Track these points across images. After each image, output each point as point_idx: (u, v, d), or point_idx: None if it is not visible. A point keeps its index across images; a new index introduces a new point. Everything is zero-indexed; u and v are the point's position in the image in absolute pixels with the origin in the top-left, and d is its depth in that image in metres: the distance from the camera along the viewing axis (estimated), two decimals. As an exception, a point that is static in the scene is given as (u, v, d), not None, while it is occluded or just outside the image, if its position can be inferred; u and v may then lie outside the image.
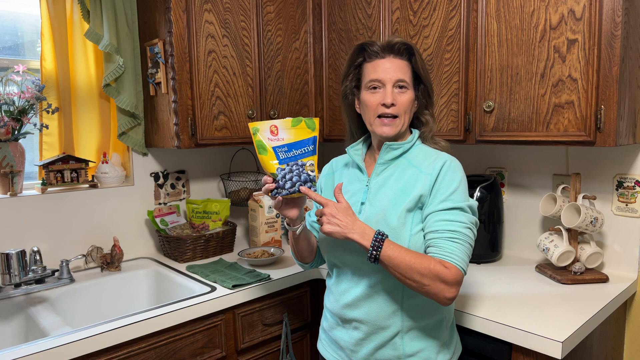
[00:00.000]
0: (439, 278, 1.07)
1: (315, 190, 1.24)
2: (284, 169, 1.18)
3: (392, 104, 1.22)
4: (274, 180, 1.19)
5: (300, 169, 1.19)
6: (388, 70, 1.22)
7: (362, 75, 1.28)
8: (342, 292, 1.25)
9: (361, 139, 1.36)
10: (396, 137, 1.27)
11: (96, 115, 2.00)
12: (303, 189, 1.16)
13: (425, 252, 1.15)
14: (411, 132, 1.32)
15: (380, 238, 1.09)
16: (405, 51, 1.24)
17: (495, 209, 1.85)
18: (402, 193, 1.20)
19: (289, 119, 1.21)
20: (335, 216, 1.11)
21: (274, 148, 1.19)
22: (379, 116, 1.24)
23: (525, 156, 1.90)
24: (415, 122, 1.32)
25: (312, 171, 1.20)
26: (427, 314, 1.20)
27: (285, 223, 1.31)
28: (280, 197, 1.19)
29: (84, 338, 1.28)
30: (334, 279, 1.30)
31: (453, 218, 1.13)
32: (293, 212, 1.25)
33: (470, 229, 1.14)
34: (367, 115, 1.27)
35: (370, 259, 1.09)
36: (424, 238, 1.16)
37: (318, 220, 1.15)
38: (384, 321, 1.19)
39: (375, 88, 1.24)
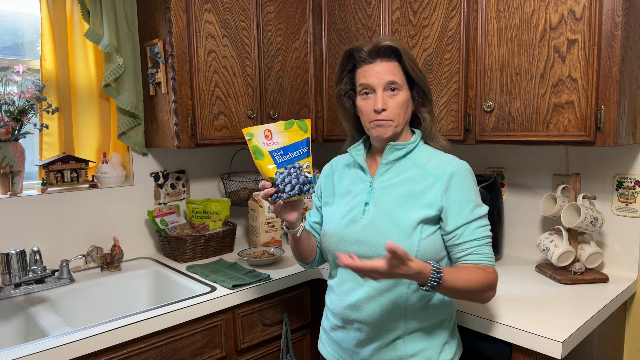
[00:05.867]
0: (489, 288, 1.14)
1: (314, 191, 1.24)
2: (283, 173, 1.19)
3: (383, 109, 1.22)
4: (273, 185, 1.19)
5: (298, 171, 1.19)
6: (378, 74, 1.22)
7: (355, 79, 1.29)
8: (346, 293, 1.25)
9: (361, 139, 1.36)
10: (394, 137, 1.27)
11: (96, 115, 2.00)
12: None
13: (459, 259, 1.18)
14: (413, 132, 1.32)
15: (437, 277, 1.03)
16: (393, 53, 1.24)
17: (495, 209, 1.85)
18: (409, 195, 1.20)
19: (281, 122, 1.21)
20: (388, 277, 1.03)
21: (270, 152, 1.19)
22: (374, 120, 1.24)
23: (525, 156, 1.90)
24: (415, 120, 1.32)
25: (309, 173, 1.21)
26: (430, 315, 1.20)
27: (284, 227, 1.31)
28: (281, 202, 1.19)
29: (84, 338, 1.28)
30: (337, 279, 1.29)
31: (484, 223, 1.19)
32: (292, 215, 1.25)
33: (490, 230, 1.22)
34: (363, 121, 1.28)
35: (429, 290, 1.05)
36: (457, 246, 1.17)
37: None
38: (387, 323, 1.19)
39: (367, 93, 1.25)
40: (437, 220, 1.19)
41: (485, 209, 1.20)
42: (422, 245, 1.15)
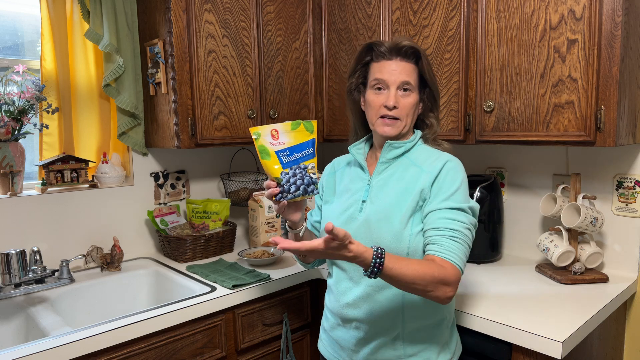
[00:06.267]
0: (441, 282, 1.06)
1: (318, 192, 1.24)
2: (288, 173, 1.19)
3: (394, 107, 1.22)
4: (278, 185, 1.19)
5: (304, 172, 1.20)
6: (394, 72, 1.23)
7: (369, 73, 1.29)
8: (343, 292, 1.25)
9: (364, 138, 1.37)
10: (398, 137, 1.27)
11: (96, 115, 2.00)
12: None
13: (424, 249, 1.15)
14: (414, 132, 1.32)
15: (378, 262, 1.01)
16: (413, 54, 1.25)
17: (495, 209, 1.85)
18: (404, 193, 1.20)
19: (288, 123, 1.22)
20: (329, 256, 1.03)
21: (276, 152, 1.19)
22: (381, 117, 1.24)
23: (525, 156, 1.90)
24: (420, 124, 1.33)
25: (314, 174, 1.21)
26: (428, 314, 1.20)
27: (287, 226, 1.31)
28: (285, 202, 1.20)
29: (84, 338, 1.28)
30: (335, 278, 1.30)
31: (454, 217, 1.13)
32: (296, 216, 1.25)
33: (469, 230, 1.15)
34: (370, 115, 1.28)
35: (370, 276, 1.03)
36: (423, 234, 1.16)
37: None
38: (384, 321, 1.19)
39: (380, 89, 1.25)
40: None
41: (463, 204, 1.15)
42: (412, 243, 1.15)
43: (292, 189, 1.18)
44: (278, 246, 0.97)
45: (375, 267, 1.01)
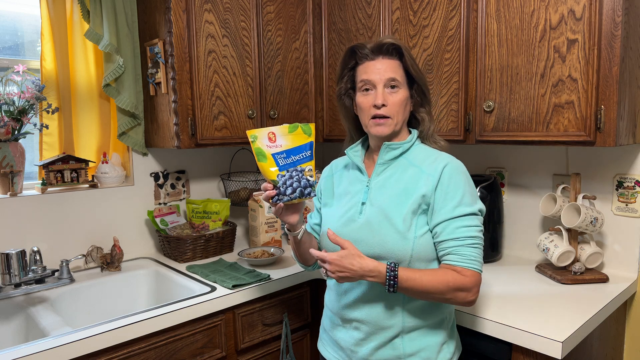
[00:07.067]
0: (458, 289, 1.11)
1: (315, 195, 1.24)
2: (284, 176, 1.20)
3: (383, 105, 1.22)
4: (275, 187, 1.20)
5: (300, 175, 1.20)
6: (379, 70, 1.23)
7: (356, 77, 1.29)
8: (343, 292, 1.25)
9: (359, 140, 1.37)
10: (392, 136, 1.27)
11: (96, 115, 2.00)
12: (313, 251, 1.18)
13: (441, 258, 1.17)
14: (410, 132, 1.32)
15: (393, 275, 1.10)
16: (395, 51, 1.25)
17: (495, 209, 1.85)
18: (404, 193, 1.20)
19: (285, 126, 1.22)
20: (341, 270, 1.12)
21: (273, 155, 1.20)
22: (373, 117, 1.24)
23: (525, 156, 1.90)
24: (413, 121, 1.33)
25: (311, 176, 1.22)
26: (428, 314, 1.20)
27: (285, 229, 1.31)
28: (281, 204, 1.20)
29: (84, 338, 1.28)
30: (336, 279, 1.30)
31: (470, 224, 1.15)
32: (293, 218, 1.26)
33: (482, 231, 1.18)
34: (362, 117, 1.28)
35: (389, 290, 1.11)
36: (439, 244, 1.17)
37: (326, 273, 1.17)
38: (384, 321, 1.19)
39: (367, 90, 1.25)
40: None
41: (474, 208, 1.16)
42: (416, 244, 1.15)
43: (289, 191, 1.19)
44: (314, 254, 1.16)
45: (390, 279, 1.09)
